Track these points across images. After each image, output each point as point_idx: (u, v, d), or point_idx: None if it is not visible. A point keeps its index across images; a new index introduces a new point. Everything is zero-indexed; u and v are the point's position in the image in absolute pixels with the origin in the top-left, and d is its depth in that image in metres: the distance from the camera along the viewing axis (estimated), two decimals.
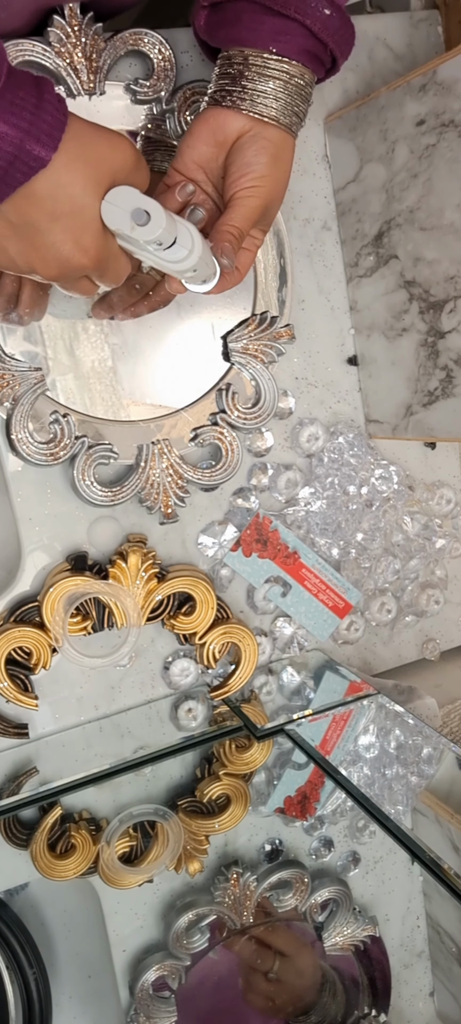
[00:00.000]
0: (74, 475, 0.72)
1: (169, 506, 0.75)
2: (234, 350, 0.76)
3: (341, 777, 0.67)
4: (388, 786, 0.68)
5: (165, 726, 0.79)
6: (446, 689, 0.86)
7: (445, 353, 0.70)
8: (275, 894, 0.70)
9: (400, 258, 0.73)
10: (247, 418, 0.76)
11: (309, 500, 0.82)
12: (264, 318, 0.76)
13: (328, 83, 0.78)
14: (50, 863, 0.68)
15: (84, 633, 0.75)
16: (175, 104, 0.71)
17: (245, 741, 0.77)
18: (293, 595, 0.83)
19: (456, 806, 0.64)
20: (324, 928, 0.68)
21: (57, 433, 0.71)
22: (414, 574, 0.88)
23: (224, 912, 0.68)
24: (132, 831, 0.71)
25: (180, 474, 0.75)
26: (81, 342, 0.73)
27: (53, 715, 0.78)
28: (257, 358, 0.76)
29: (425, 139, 0.67)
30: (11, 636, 0.72)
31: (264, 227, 0.64)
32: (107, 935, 0.71)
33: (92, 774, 0.73)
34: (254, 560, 0.81)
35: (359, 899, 0.72)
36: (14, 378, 0.69)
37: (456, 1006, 0.74)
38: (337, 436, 0.82)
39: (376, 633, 0.89)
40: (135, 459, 0.74)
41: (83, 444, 0.72)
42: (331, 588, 0.83)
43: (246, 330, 0.76)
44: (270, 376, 0.76)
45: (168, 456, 0.75)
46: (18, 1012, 0.68)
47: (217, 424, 0.76)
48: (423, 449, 0.87)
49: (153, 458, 0.74)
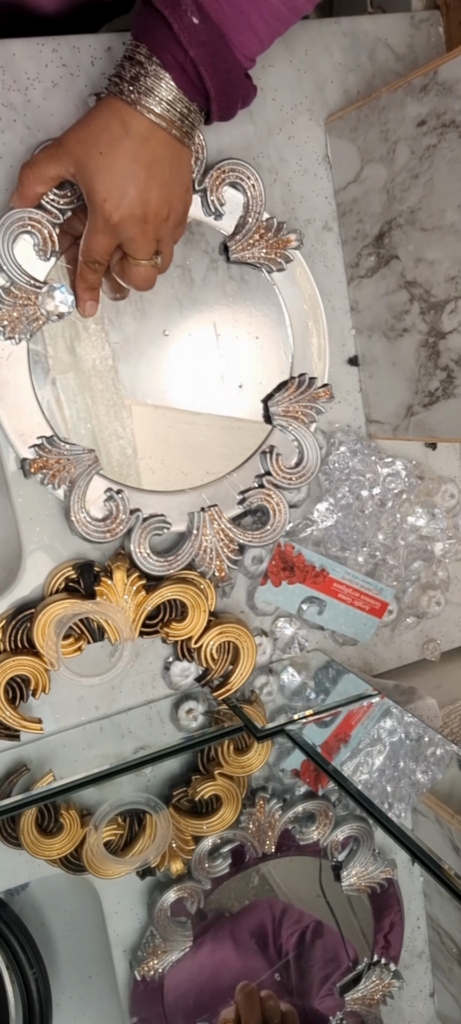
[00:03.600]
0: (132, 548, 0.73)
1: (223, 569, 0.77)
2: (275, 413, 0.77)
3: (341, 778, 0.67)
4: (388, 786, 0.67)
5: (165, 726, 0.79)
6: (447, 689, 0.86)
7: (446, 353, 0.70)
8: (298, 826, 0.69)
9: (401, 258, 0.73)
10: (292, 478, 0.78)
11: (325, 516, 0.83)
12: (303, 380, 0.77)
13: (329, 83, 0.78)
14: (36, 840, 0.68)
15: (78, 653, 0.75)
16: (207, 184, 0.72)
17: (244, 742, 0.77)
18: (329, 610, 0.85)
19: (456, 806, 0.64)
20: (343, 866, 0.68)
21: (112, 510, 0.72)
22: (415, 576, 0.88)
23: (247, 838, 0.68)
24: (121, 820, 0.70)
25: (232, 537, 0.77)
26: (134, 416, 0.74)
27: (54, 715, 0.78)
28: (298, 419, 0.78)
29: (426, 139, 0.67)
30: (7, 667, 0.72)
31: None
32: (107, 935, 0.71)
33: (92, 774, 0.73)
34: (285, 588, 0.82)
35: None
36: (69, 461, 0.71)
37: (456, 1007, 0.74)
38: (339, 446, 0.82)
39: (377, 634, 0.89)
40: (187, 527, 0.76)
41: (137, 518, 0.73)
42: (365, 593, 0.85)
43: (286, 393, 0.77)
44: (312, 436, 0.78)
45: (218, 522, 0.76)
46: (18, 1012, 0.68)
47: (263, 486, 0.77)
48: (424, 449, 0.87)
49: (204, 524, 0.76)
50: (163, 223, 0.62)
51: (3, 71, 0.68)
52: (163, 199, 0.60)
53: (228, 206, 0.73)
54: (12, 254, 0.66)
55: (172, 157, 0.60)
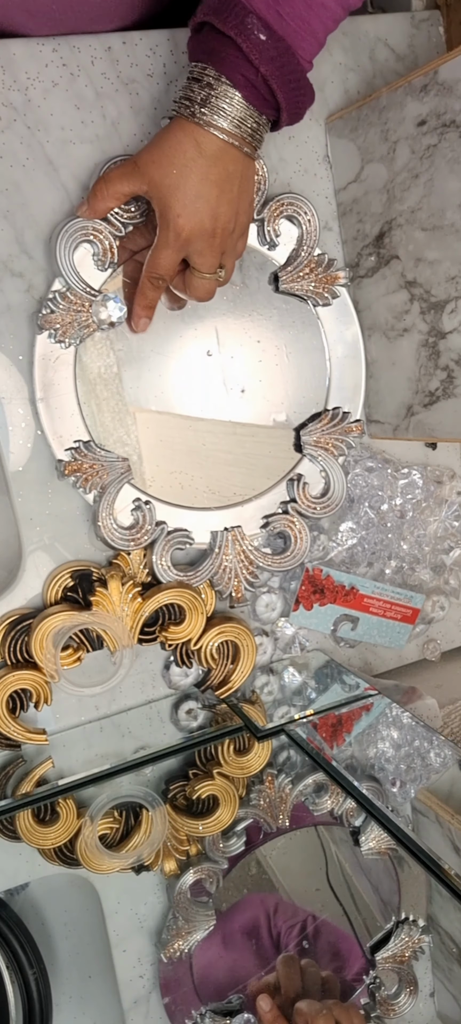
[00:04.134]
0: (154, 559, 0.74)
1: (240, 591, 0.77)
2: (307, 443, 0.78)
3: (341, 777, 0.67)
4: (388, 786, 0.67)
5: (165, 726, 0.79)
6: (447, 689, 0.86)
7: (446, 353, 0.70)
8: (311, 798, 0.70)
9: (401, 258, 0.73)
10: (317, 508, 0.78)
11: (349, 535, 0.84)
12: (336, 414, 0.78)
13: (329, 83, 0.78)
14: (31, 827, 0.69)
15: (78, 663, 0.75)
16: (265, 215, 0.74)
17: (244, 743, 0.77)
18: (363, 625, 0.86)
19: (456, 806, 0.64)
20: (361, 831, 0.68)
21: (139, 520, 0.73)
22: (422, 583, 0.88)
23: (260, 815, 0.68)
24: (117, 814, 0.70)
25: (251, 560, 0.77)
26: (172, 432, 0.75)
27: (54, 715, 0.78)
28: (328, 451, 0.78)
29: (426, 139, 0.67)
30: (7, 682, 0.72)
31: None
32: (107, 935, 0.71)
33: (92, 774, 0.73)
34: (317, 611, 0.84)
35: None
36: (103, 468, 0.71)
37: (456, 1006, 0.74)
38: (354, 466, 0.83)
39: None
40: (209, 544, 0.76)
41: (162, 530, 0.74)
42: (396, 604, 0.87)
43: (319, 424, 0.78)
44: (340, 469, 0.78)
45: (240, 543, 0.77)
46: (18, 1012, 0.68)
47: (287, 513, 0.78)
48: (425, 450, 0.87)
49: (226, 544, 0.76)
50: (229, 236, 0.64)
51: (3, 71, 0.68)
52: (231, 213, 0.63)
53: (283, 238, 0.75)
54: (72, 260, 0.68)
55: (241, 172, 0.62)
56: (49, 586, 0.74)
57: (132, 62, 0.72)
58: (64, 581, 0.74)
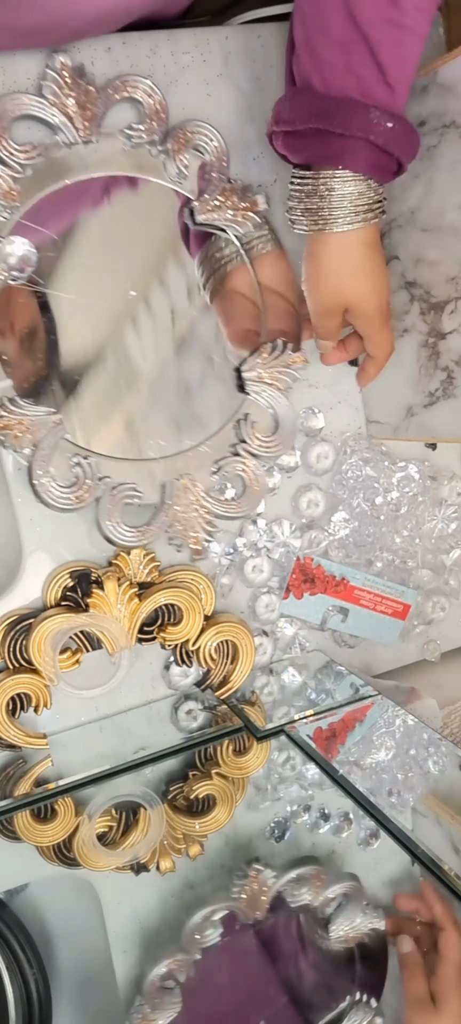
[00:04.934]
0: (99, 518, 0.72)
1: (198, 542, 0.76)
2: (249, 379, 0.76)
3: (341, 778, 0.67)
4: (388, 787, 0.67)
5: (165, 727, 0.79)
6: (447, 690, 0.86)
7: (446, 354, 0.70)
8: (289, 888, 0.69)
9: (401, 259, 0.73)
10: (269, 446, 0.77)
11: (342, 526, 0.84)
12: (276, 345, 0.76)
13: None
14: (29, 824, 0.68)
15: (77, 666, 0.75)
16: (169, 145, 0.71)
17: (244, 743, 0.77)
18: (353, 617, 0.86)
19: (456, 807, 0.64)
20: (332, 920, 0.68)
21: (79, 476, 0.71)
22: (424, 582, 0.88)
23: (239, 908, 0.67)
24: (115, 813, 0.70)
25: (207, 508, 0.75)
26: (109, 384, 0.73)
27: (53, 715, 0.78)
28: (272, 386, 0.76)
29: (426, 140, 0.67)
30: (6, 687, 0.72)
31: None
32: (107, 935, 0.71)
33: (92, 775, 0.73)
34: (307, 600, 0.83)
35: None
36: (33, 423, 0.69)
37: None
38: (350, 455, 0.83)
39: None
40: (160, 497, 0.74)
41: (107, 485, 0.72)
42: (386, 597, 0.86)
43: (258, 359, 0.76)
44: (287, 402, 0.77)
45: (192, 491, 0.75)
46: (18, 1012, 0.68)
47: (238, 455, 0.76)
48: (424, 448, 0.87)
49: (178, 494, 0.74)
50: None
51: (3, 71, 0.68)
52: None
53: (191, 169, 0.72)
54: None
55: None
56: (49, 586, 0.74)
57: (132, 62, 0.72)
58: (64, 581, 0.74)
